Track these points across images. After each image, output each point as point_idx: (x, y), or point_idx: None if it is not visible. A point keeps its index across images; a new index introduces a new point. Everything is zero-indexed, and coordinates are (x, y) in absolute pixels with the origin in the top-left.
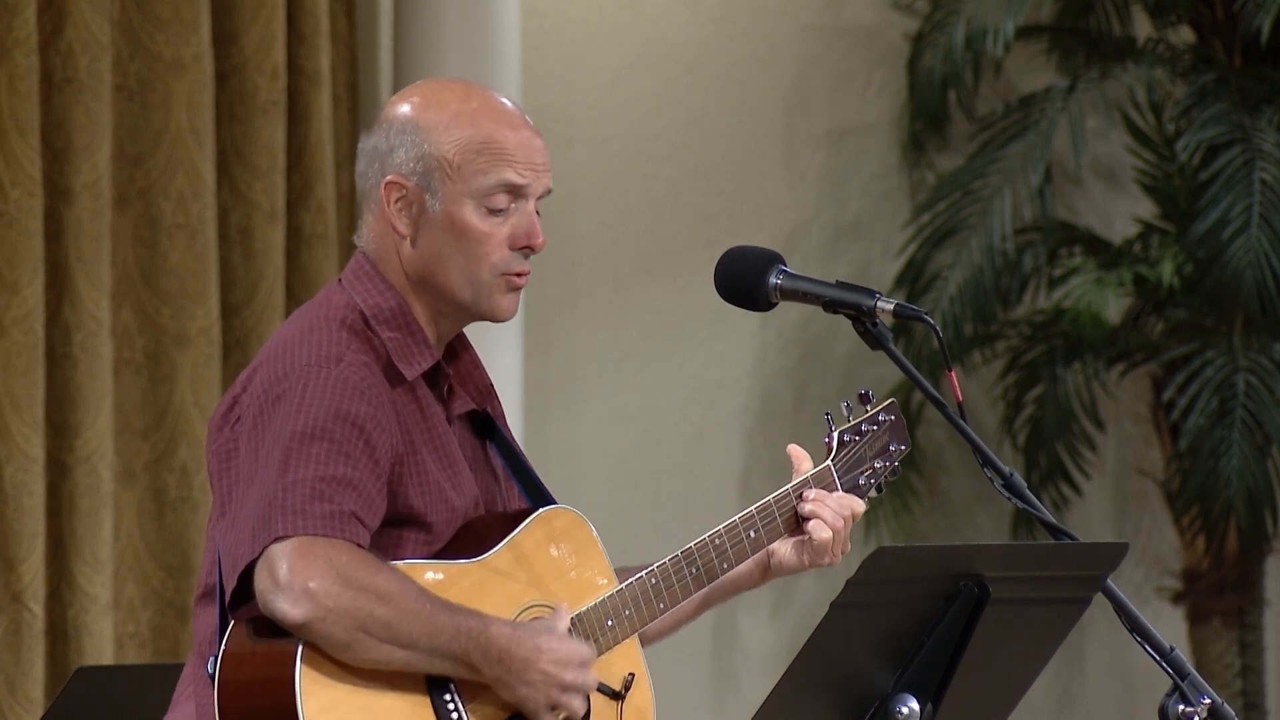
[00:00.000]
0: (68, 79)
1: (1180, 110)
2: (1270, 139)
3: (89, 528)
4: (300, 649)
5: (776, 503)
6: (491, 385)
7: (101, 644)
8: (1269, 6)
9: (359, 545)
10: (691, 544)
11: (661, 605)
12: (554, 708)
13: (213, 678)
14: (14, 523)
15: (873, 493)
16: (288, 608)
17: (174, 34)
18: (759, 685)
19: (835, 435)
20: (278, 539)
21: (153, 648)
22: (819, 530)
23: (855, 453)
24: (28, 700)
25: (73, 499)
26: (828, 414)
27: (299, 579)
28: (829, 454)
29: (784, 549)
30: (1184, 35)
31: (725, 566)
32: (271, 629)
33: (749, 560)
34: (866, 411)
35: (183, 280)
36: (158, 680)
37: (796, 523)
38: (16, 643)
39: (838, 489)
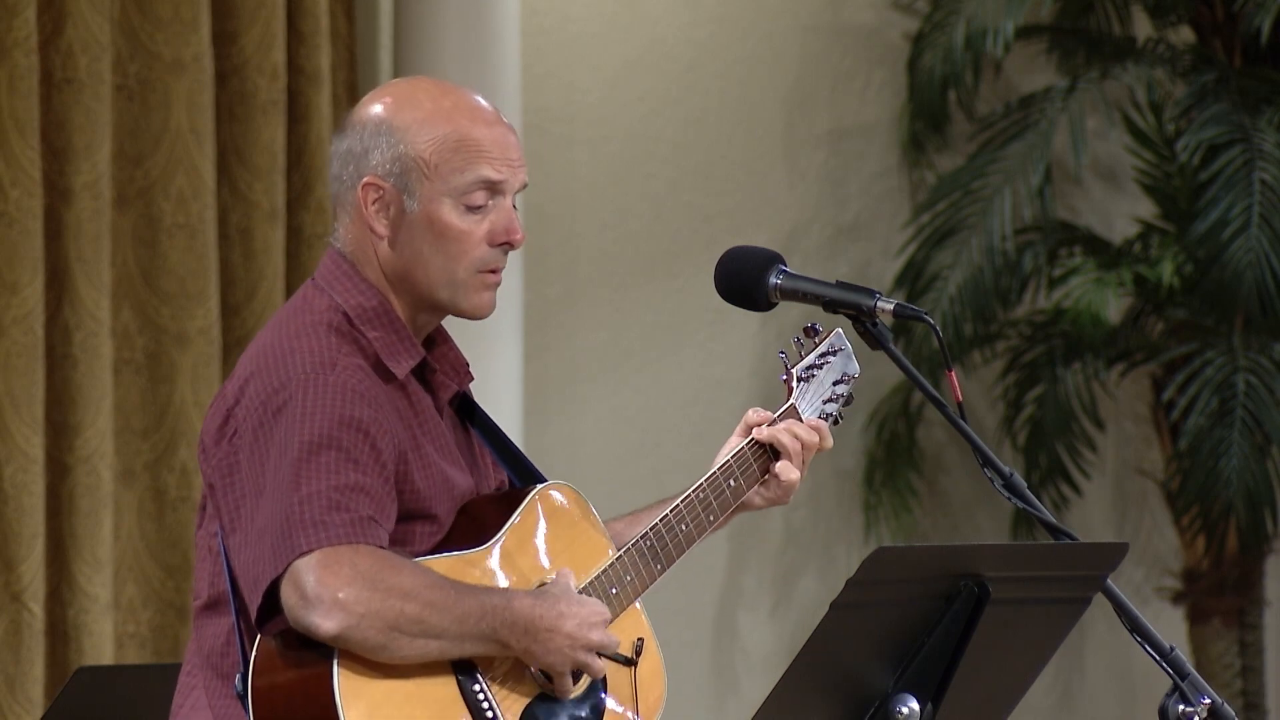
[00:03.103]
0: (68, 79)
1: (1180, 110)
2: (1270, 139)
3: (89, 528)
4: (336, 660)
5: (751, 449)
6: (466, 363)
7: (101, 644)
8: (1269, 6)
9: (380, 547)
10: (679, 501)
11: (659, 567)
12: (577, 669)
13: (241, 696)
14: (14, 523)
15: (833, 425)
16: (320, 620)
17: (174, 34)
18: (759, 685)
19: (793, 374)
20: (301, 554)
21: (153, 648)
22: (787, 471)
23: (815, 387)
24: (28, 700)
25: (73, 499)
26: (782, 353)
27: (328, 591)
28: (789, 394)
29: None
30: (1184, 35)
31: (711, 519)
32: (301, 641)
33: None
34: (815, 345)
35: (183, 280)
36: (158, 680)
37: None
38: (16, 643)
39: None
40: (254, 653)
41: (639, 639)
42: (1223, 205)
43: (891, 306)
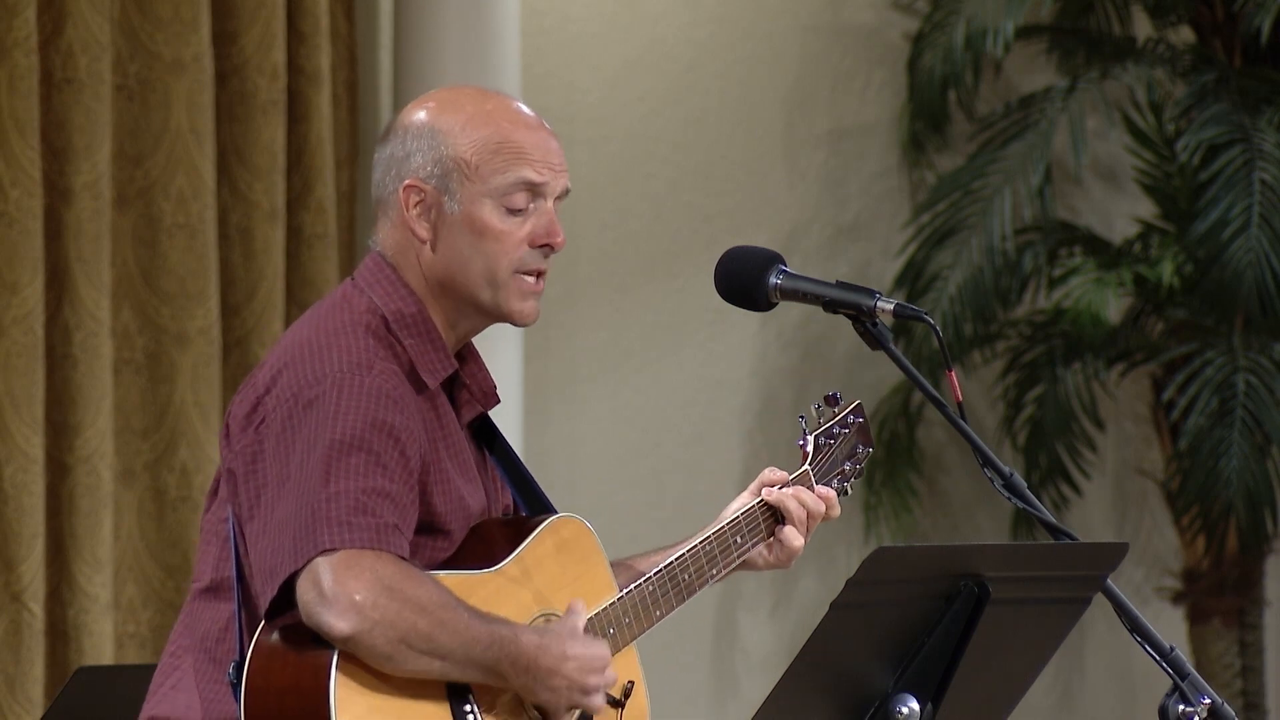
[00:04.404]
0: (68, 79)
1: (1180, 110)
2: (1270, 139)
3: (89, 528)
4: (335, 660)
5: (761, 509)
6: (494, 387)
7: (101, 644)
8: (1269, 6)
9: (401, 557)
10: (684, 550)
11: (659, 613)
12: (573, 708)
13: (234, 684)
14: (14, 523)
15: (840, 496)
16: (334, 620)
17: (174, 34)
18: (759, 685)
19: (810, 440)
20: (323, 552)
21: (153, 648)
22: (792, 538)
23: (830, 456)
24: (28, 700)
25: (73, 499)
26: (802, 417)
27: (345, 591)
28: (805, 459)
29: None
30: (1184, 35)
31: (714, 572)
32: (301, 638)
33: None
34: (835, 414)
35: (183, 280)
36: None
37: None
38: (16, 643)
39: None
40: (252, 644)
41: (630, 682)
42: (1223, 205)
43: (891, 306)
